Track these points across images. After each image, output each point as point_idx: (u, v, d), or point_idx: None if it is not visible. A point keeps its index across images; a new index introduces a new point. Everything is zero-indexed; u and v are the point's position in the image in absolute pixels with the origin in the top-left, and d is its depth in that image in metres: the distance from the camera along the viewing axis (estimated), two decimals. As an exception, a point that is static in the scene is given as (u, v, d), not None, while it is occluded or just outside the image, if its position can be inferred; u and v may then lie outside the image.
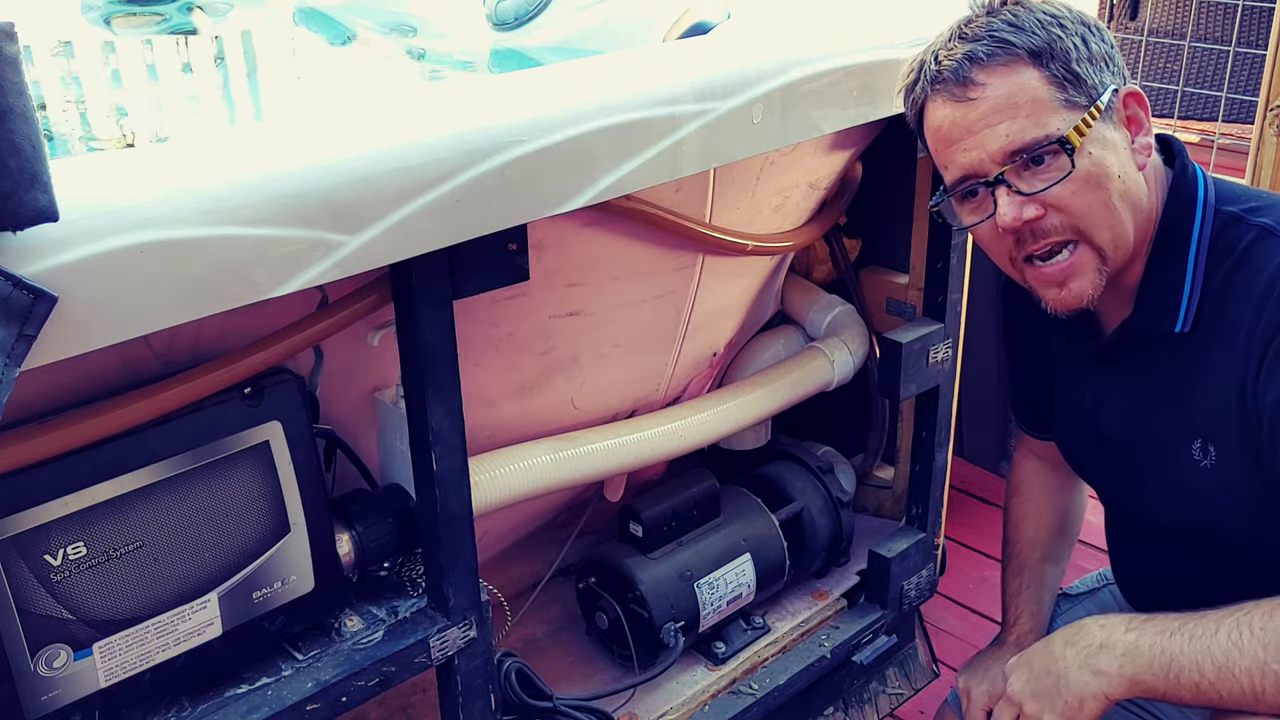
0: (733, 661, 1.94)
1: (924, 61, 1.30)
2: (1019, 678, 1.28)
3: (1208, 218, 1.28)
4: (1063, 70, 1.23)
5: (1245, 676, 1.12)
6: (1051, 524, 1.67)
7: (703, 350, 1.95)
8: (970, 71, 1.24)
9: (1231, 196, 1.30)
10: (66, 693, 1.21)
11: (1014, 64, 1.23)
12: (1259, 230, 1.24)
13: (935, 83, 1.28)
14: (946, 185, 1.32)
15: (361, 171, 1.13)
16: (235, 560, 1.30)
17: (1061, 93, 1.23)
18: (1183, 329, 1.27)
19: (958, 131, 1.26)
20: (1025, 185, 1.24)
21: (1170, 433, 1.31)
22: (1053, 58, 1.23)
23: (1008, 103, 1.23)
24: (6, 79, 0.88)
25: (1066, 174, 1.22)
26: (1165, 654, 1.16)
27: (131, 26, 2.29)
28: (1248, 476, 1.25)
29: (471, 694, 1.50)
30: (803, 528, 2.02)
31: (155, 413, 1.20)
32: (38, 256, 0.95)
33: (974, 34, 1.25)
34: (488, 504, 1.58)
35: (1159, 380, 1.32)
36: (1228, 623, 1.15)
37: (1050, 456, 1.64)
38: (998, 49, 1.24)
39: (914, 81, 1.32)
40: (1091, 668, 1.20)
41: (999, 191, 1.25)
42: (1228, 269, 1.25)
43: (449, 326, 1.32)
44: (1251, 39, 3.93)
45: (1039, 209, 1.24)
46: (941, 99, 1.27)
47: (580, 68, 1.44)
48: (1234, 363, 1.23)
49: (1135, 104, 1.28)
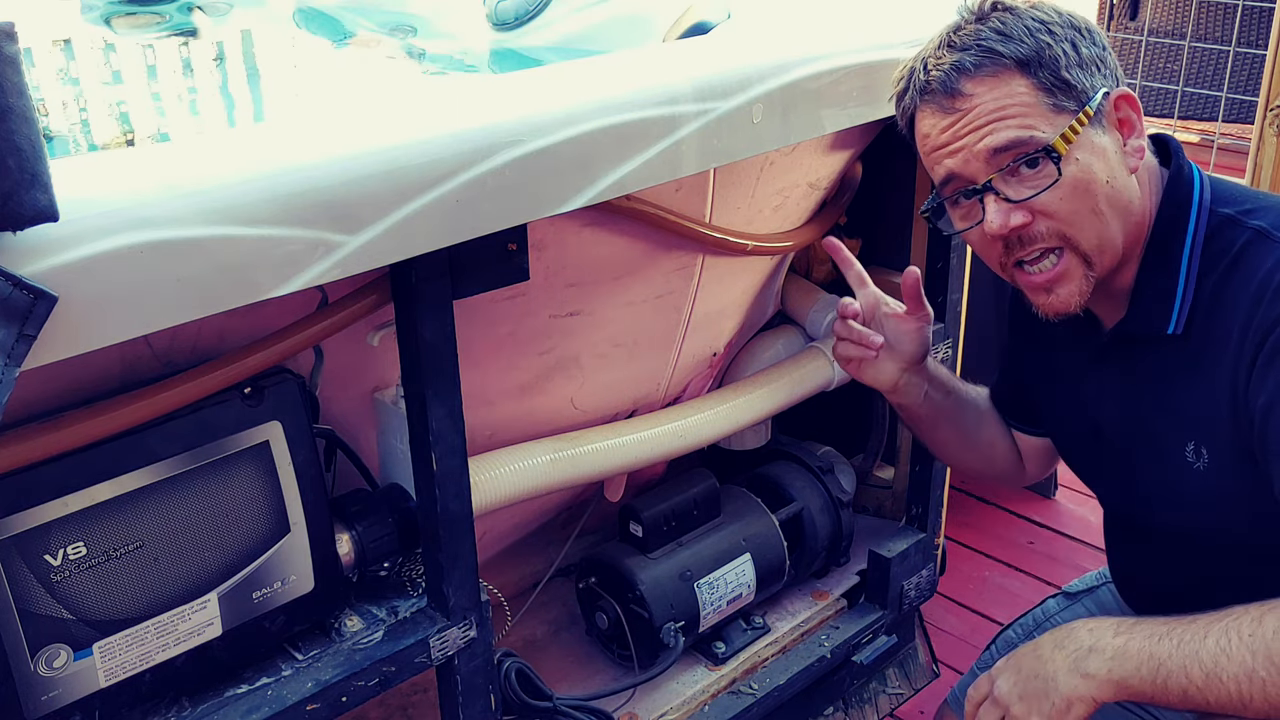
0: (733, 661, 1.94)
1: (914, 70, 1.31)
2: (1006, 680, 1.27)
3: (1202, 219, 1.28)
4: (1051, 78, 1.23)
5: (1232, 683, 1.12)
6: (982, 426, 1.64)
7: (703, 350, 1.95)
8: (958, 82, 1.25)
9: (1227, 198, 1.30)
10: (66, 693, 1.21)
11: (1001, 74, 1.24)
12: (1253, 233, 1.24)
13: (924, 93, 1.28)
14: (937, 191, 1.33)
15: (361, 171, 1.13)
16: (235, 560, 1.30)
17: (1050, 98, 1.23)
18: (1175, 330, 1.28)
19: (946, 139, 1.27)
20: (1013, 192, 1.25)
21: (1163, 434, 1.32)
22: (1041, 66, 1.23)
23: (995, 110, 1.24)
24: (6, 79, 0.88)
25: (1053, 181, 1.23)
26: (1153, 659, 1.16)
27: (131, 26, 2.29)
28: (1240, 479, 1.25)
29: (471, 694, 1.50)
30: (803, 528, 2.02)
31: (155, 413, 1.20)
32: (38, 256, 0.95)
33: (962, 43, 1.26)
34: (488, 504, 1.58)
35: (1153, 382, 1.33)
36: (1216, 628, 1.14)
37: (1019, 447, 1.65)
38: (985, 59, 1.24)
39: (904, 90, 1.33)
40: (1080, 671, 1.20)
41: (987, 199, 1.26)
42: (1221, 271, 1.25)
43: (449, 326, 1.32)
44: (1251, 39, 3.93)
45: (1026, 215, 1.25)
46: (930, 109, 1.28)
47: (580, 68, 1.44)
48: (1226, 365, 1.23)
49: (1127, 106, 1.28)
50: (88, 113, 1.96)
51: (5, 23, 0.88)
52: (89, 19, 2.30)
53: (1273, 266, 1.20)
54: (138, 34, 2.27)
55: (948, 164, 1.28)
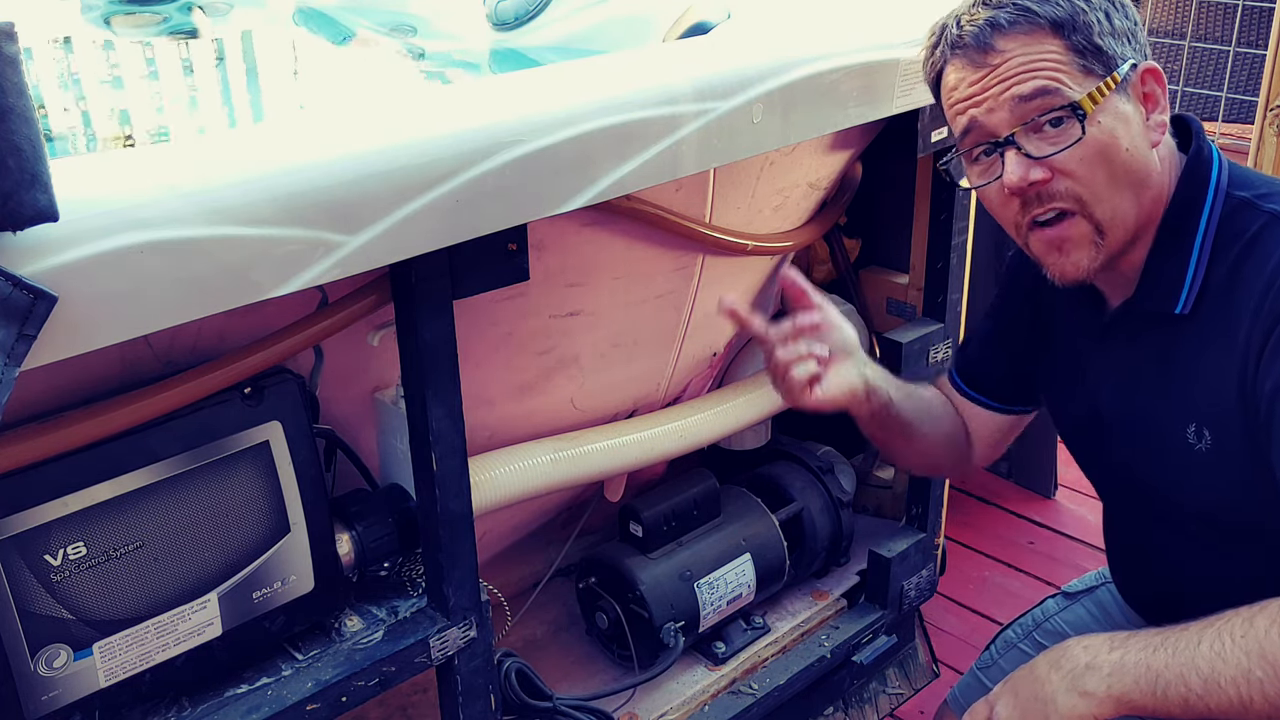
0: (733, 661, 1.94)
1: (945, 25, 1.30)
2: (1005, 705, 1.26)
3: (1218, 201, 1.28)
4: (1084, 41, 1.23)
5: (1231, 686, 1.11)
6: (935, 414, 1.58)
7: (703, 350, 1.95)
8: (991, 37, 1.24)
9: (1244, 182, 1.29)
10: (66, 693, 1.21)
11: (1035, 32, 1.23)
12: (1269, 217, 1.24)
13: (955, 47, 1.28)
14: (956, 144, 1.32)
15: (361, 171, 1.13)
16: (235, 560, 1.30)
17: (1081, 60, 1.23)
18: (1183, 310, 1.27)
19: (973, 91, 1.27)
20: (1034, 148, 1.24)
21: (1165, 416, 1.31)
22: (1075, 29, 1.23)
23: (1026, 65, 1.23)
24: (6, 79, 0.88)
25: (1076, 140, 1.22)
26: (1150, 670, 1.15)
27: (131, 26, 2.29)
28: (1242, 462, 1.24)
29: (471, 694, 1.50)
30: (803, 528, 2.02)
31: (155, 413, 1.20)
32: (38, 256, 0.95)
33: (998, 1, 1.26)
34: (488, 504, 1.58)
35: (1157, 362, 1.32)
36: (1209, 633, 1.14)
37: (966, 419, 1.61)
38: (1020, 16, 1.24)
39: (935, 44, 1.32)
40: (1078, 690, 1.19)
41: (1008, 153, 1.25)
42: (1235, 255, 1.25)
43: (449, 326, 1.32)
44: (1251, 39, 3.93)
45: (1046, 172, 1.24)
46: (960, 63, 1.28)
47: (580, 68, 1.44)
48: (1236, 349, 1.22)
49: (1153, 80, 1.27)
50: (88, 113, 1.97)
51: (5, 23, 0.88)
52: (89, 19, 2.30)
53: None
54: (138, 34, 2.27)
55: (972, 113, 1.27)
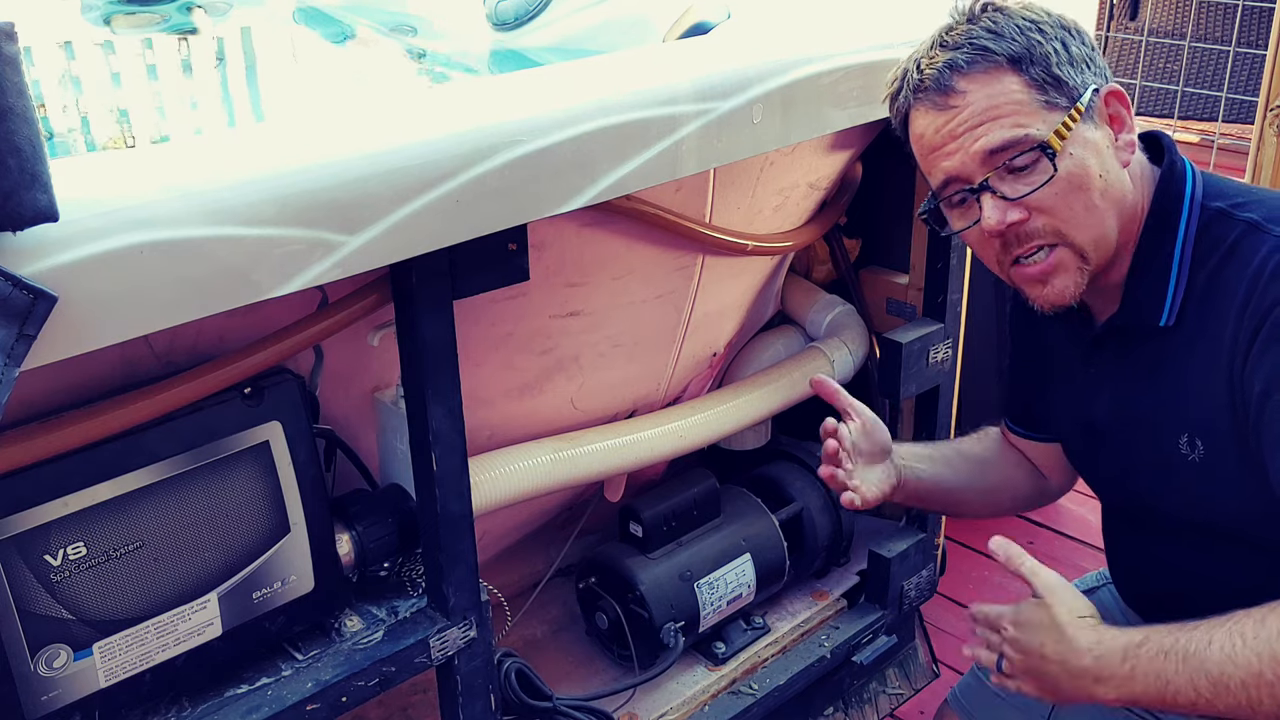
0: (733, 661, 1.94)
1: (906, 70, 1.33)
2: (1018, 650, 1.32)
3: (1194, 213, 1.30)
4: (1043, 74, 1.25)
5: (1240, 688, 1.13)
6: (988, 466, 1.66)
7: (703, 350, 1.95)
8: (951, 80, 1.26)
9: (1219, 192, 1.31)
10: (66, 693, 1.21)
11: (994, 70, 1.25)
12: (1245, 225, 1.26)
13: (918, 91, 1.30)
14: (934, 192, 1.34)
15: (361, 171, 1.13)
16: (235, 560, 1.30)
17: (1042, 95, 1.25)
18: (1168, 322, 1.29)
19: (941, 139, 1.29)
20: (1009, 190, 1.26)
21: (1156, 427, 1.33)
22: (1032, 62, 1.25)
23: (989, 108, 1.25)
24: (6, 79, 0.88)
25: (1049, 178, 1.24)
26: (1160, 678, 1.18)
27: (131, 26, 2.29)
28: (1236, 470, 1.25)
29: (471, 694, 1.50)
30: (803, 528, 2.02)
31: (155, 413, 1.20)
32: (38, 256, 0.95)
33: (954, 42, 1.28)
34: (488, 504, 1.58)
35: (1145, 375, 1.34)
36: (1219, 634, 1.15)
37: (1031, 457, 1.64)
38: (978, 56, 1.26)
39: (898, 90, 1.34)
40: (1087, 694, 1.24)
41: (984, 197, 1.27)
42: (1214, 264, 1.27)
43: (449, 326, 1.32)
44: (1251, 39, 3.94)
45: (1023, 212, 1.26)
46: (924, 107, 1.30)
47: (580, 68, 1.44)
48: (1222, 354, 1.24)
49: (1117, 102, 1.30)
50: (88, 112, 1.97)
51: (5, 23, 0.88)
52: (89, 19, 2.30)
53: (1266, 254, 1.21)
54: (138, 33, 2.27)
55: (945, 166, 1.29)
